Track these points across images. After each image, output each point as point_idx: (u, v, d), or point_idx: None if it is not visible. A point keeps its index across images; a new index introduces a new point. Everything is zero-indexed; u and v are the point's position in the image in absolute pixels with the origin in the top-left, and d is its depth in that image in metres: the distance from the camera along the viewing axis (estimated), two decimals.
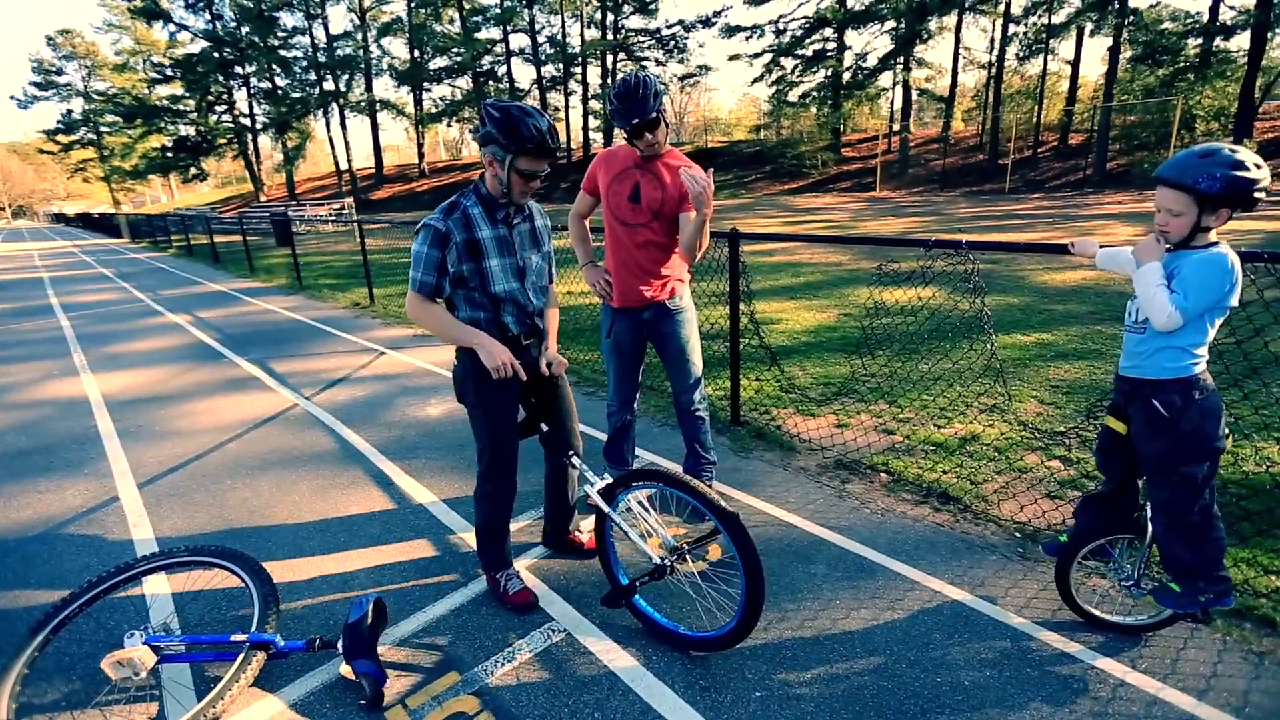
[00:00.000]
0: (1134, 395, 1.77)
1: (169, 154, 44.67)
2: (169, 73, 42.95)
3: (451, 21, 40.04)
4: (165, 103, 44.13)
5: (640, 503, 2.09)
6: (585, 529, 2.56)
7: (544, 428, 2.19)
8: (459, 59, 39.24)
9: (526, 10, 38.17)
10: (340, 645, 1.87)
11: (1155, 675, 1.80)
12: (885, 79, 35.11)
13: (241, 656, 1.86)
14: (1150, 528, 1.83)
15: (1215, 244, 1.64)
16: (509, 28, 38.68)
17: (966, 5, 30.79)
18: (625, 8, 38.55)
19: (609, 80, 39.46)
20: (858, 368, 4.65)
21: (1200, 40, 25.32)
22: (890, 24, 32.83)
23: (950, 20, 31.82)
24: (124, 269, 15.61)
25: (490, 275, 1.93)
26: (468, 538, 2.67)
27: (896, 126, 34.58)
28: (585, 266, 2.60)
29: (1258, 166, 1.54)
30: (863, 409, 3.92)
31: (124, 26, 46.01)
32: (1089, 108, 29.65)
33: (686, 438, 2.82)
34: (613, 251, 2.49)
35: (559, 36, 38.88)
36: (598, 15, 38.96)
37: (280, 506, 3.03)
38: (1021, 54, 32.13)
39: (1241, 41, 23.88)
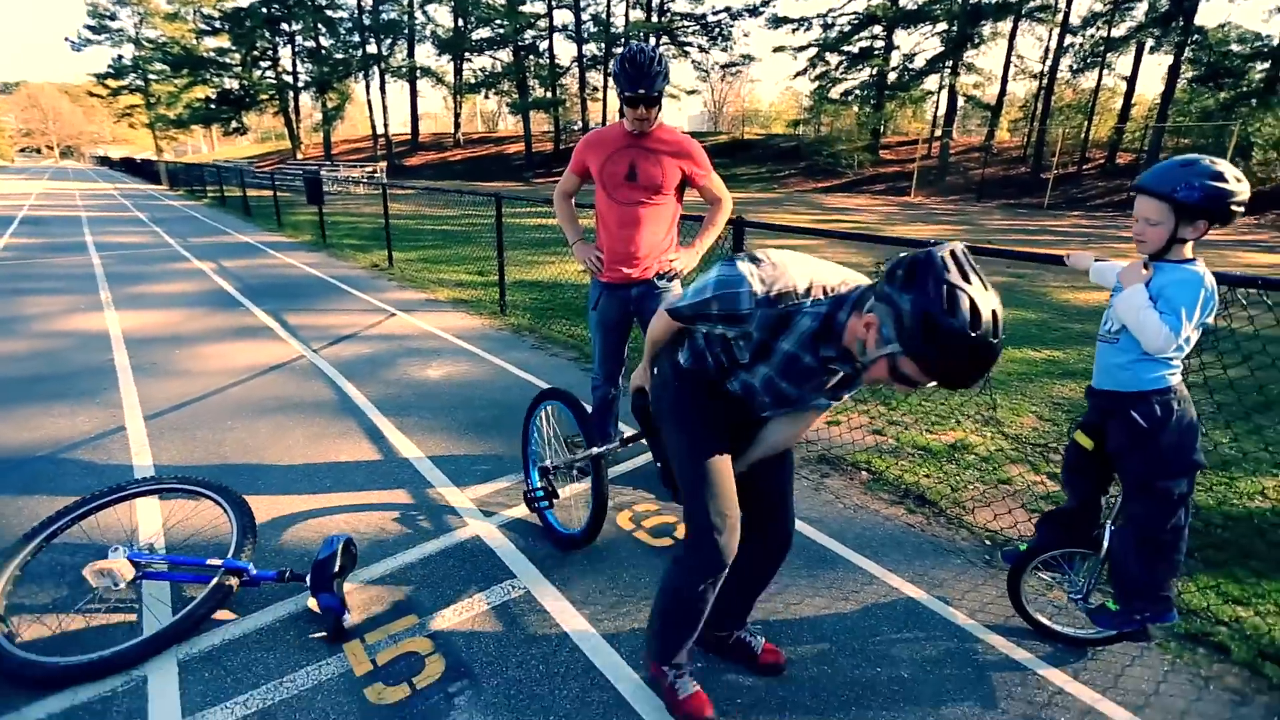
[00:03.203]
0: (1112, 410, 1.76)
1: (212, 105, 45.38)
2: (217, 25, 43.49)
3: None
4: (212, 54, 44.73)
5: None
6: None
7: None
8: (502, 30, 39.06)
9: None
10: (309, 579, 1.96)
11: (1095, 687, 1.82)
12: (931, 82, 34.26)
13: (216, 580, 1.96)
14: (1105, 544, 1.83)
15: (1192, 260, 1.63)
16: (554, 2, 38.39)
17: (1023, 11, 29.82)
18: None
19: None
20: None
21: (1268, 65, 24.27)
22: (942, 26, 31.94)
23: (1005, 26, 30.86)
24: (158, 214, 16.01)
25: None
26: (446, 493, 2.76)
27: (939, 132, 33.78)
28: (576, 243, 2.64)
29: (1238, 180, 1.52)
30: (855, 408, 3.93)
31: None
32: (1141, 127, 28.65)
33: None
34: (605, 229, 2.52)
35: (603, 15, 38.50)
36: None
37: (274, 449, 3.15)
38: (1076, 66, 31.09)
39: None
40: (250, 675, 1.77)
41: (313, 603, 1.93)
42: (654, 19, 37.95)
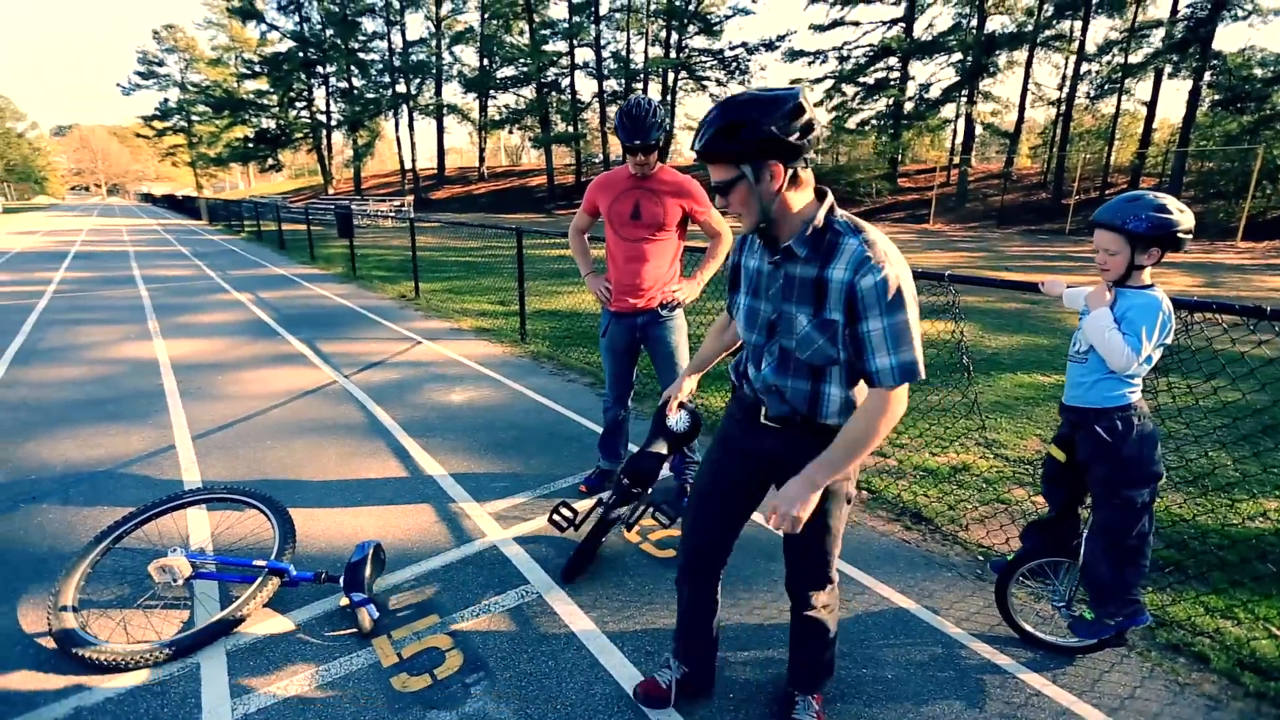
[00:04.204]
0: (1079, 424, 1.91)
1: (250, 144, 47.87)
2: (257, 69, 46.23)
3: (521, 33, 41.54)
4: (251, 96, 47.42)
5: None
6: None
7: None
8: (525, 69, 40.67)
9: (593, 26, 39.31)
10: (342, 580, 2.17)
11: (1073, 690, 1.92)
12: (948, 110, 34.60)
13: (260, 579, 2.17)
14: (1082, 551, 1.95)
15: (1150, 286, 1.79)
16: (575, 42, 39.88)
17: (1038, 40, 30.13)
18: (690, 28, 39.24)
19: (669, 97, 40.19)
20: None
21: None
22: (957, 56, 32.39)
23: (1020, 55, 31.18)
24: (200, 249, 16.84)
25: None
26: (466, 507, 2.96)
27: (957, 159, 33.95)
28: (588, 275, 2.88)
29: (1180, 211, 1.70)
30: None
31: (221, 24, 49.95)
32: (1162, 151, 28.49)
33: None
34: (613, 263, 2.75)
35: (623, 52, 39.87)
36: (663, 34, 39.79)
37: (310, 466, 3.40)
38: (1093, 93, 31.17)
39: None
40: (290, 664, 1.97)
41: (345, 601, 2.12)
42: (672, 55, 39.12)
